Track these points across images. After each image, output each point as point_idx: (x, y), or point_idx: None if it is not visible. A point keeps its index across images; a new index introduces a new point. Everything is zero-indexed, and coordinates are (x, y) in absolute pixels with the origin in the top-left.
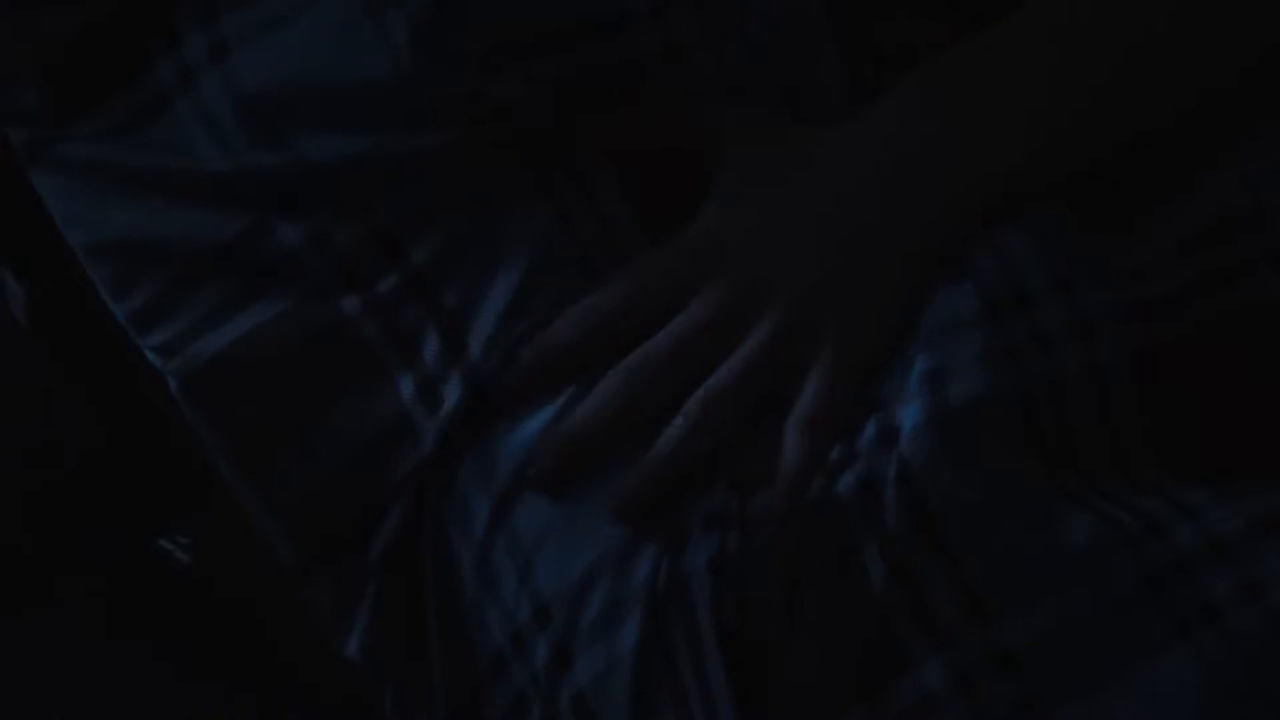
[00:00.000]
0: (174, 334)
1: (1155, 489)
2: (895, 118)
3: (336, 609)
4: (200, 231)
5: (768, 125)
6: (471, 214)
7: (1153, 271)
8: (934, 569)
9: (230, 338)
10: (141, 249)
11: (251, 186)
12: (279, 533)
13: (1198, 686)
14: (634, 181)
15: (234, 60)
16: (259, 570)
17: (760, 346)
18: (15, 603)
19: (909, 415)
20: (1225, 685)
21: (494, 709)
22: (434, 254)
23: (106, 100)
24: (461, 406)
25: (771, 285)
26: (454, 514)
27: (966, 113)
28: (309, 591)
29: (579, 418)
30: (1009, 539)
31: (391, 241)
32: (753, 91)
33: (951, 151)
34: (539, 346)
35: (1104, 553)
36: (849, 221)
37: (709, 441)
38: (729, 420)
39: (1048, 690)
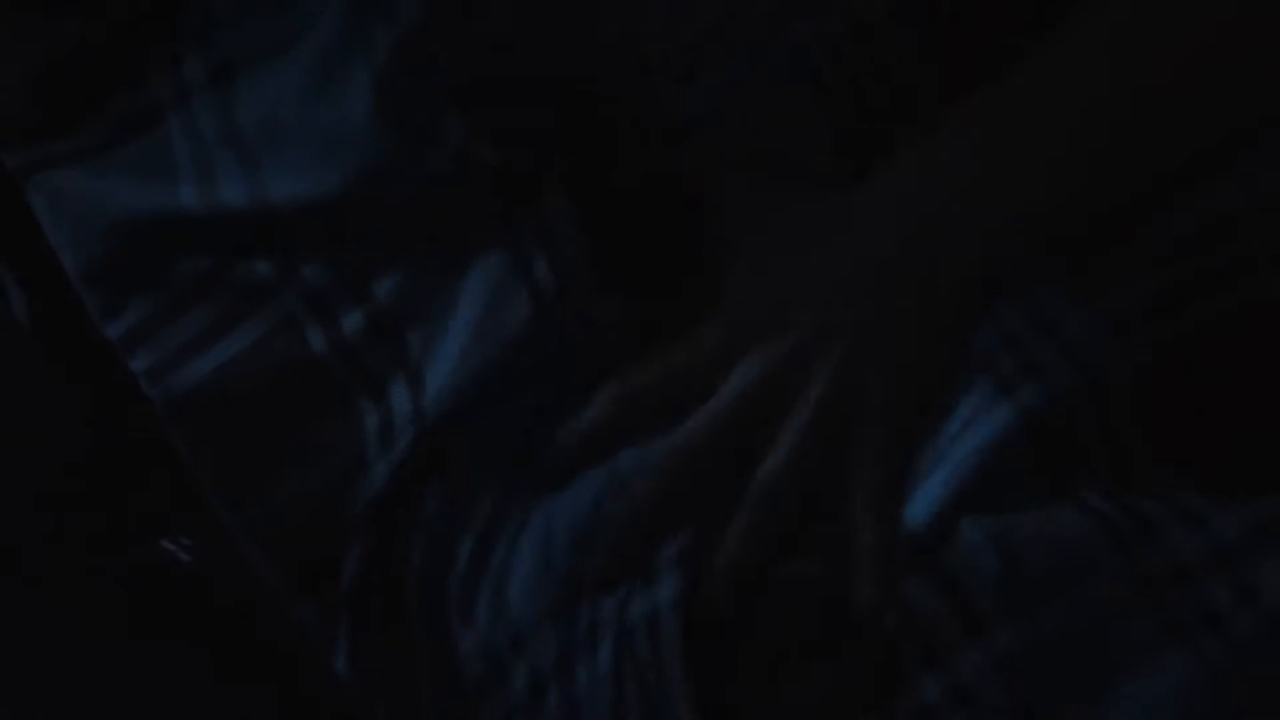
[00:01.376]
0: (157, 360)
1: (1154, 492)
2: (908, 184)
3: (322, 629)
4: (180, 261)
5: (779, 193)
6: (434, 254)
7: (1150, 272)
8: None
9: (209, 367)
10: (125, 276)
11: (225, 220)
12: (260, 557)
13: (1194, 691)
14: (594, 220)
15: (229, 86)
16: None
17: (804, 429)
18: (15, 602)
19: None
20: (1223, 690)
21: None
22: (396, 292)
23: (100, 112)
24: (414, 446)
25: (809, 360)
26: (430, 547)
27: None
28: (295, 611)
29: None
30: (1005, 544)
31: (357, 278)
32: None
33: (974, 215)
34: (576, 431)
35: (1101, 557)
36: (875, 295)
37: (775, 527)
38: (790, 504)
39: (1045, 697)
